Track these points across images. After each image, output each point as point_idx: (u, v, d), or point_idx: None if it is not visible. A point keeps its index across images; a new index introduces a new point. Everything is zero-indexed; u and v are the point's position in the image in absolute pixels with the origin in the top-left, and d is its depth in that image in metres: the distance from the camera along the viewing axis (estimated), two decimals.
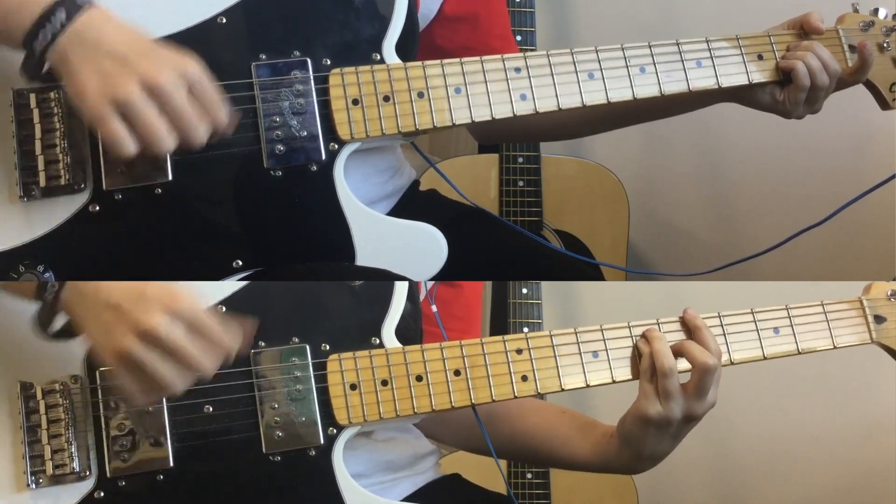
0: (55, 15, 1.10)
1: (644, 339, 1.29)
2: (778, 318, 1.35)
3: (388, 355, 1.22)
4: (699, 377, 1.25)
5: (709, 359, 1.25)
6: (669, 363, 1.25)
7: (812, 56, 1.43)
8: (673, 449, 1.30)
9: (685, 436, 1.30)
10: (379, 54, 1.27)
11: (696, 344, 1.28)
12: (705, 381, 1.25)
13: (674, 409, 1.25)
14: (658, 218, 2.68)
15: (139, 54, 1.10)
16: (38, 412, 1.16)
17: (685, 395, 1.26)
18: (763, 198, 2.61)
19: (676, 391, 1.25)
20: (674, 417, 1.26)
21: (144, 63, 1.09)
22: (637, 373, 1.28)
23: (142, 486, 1.15)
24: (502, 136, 1.98)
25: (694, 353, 1.26)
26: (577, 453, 1.37)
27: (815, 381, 2.41)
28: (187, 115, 1.11)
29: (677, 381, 1.26)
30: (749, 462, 2.50)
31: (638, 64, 1.36)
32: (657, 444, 1.29)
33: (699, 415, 1.27)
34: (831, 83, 1.45)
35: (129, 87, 1.08)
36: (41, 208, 1.19)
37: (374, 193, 1.38)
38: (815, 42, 1.44)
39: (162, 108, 1.09)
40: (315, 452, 1.19)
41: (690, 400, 1.26)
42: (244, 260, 1.23)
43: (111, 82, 1.09)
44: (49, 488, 1.15)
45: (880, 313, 1.41)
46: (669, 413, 1.25)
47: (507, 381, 1.25)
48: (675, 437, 1.29)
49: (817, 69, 1.43)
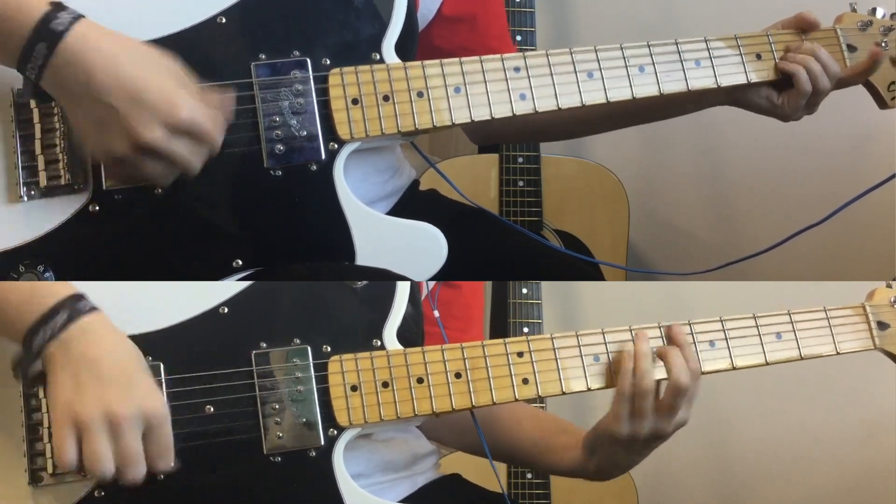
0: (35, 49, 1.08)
1: (626, 352, 1.27)
2: (780, 323, 1.35)
3: (390, 357, 1.22)
4: (672, 395, 1.25)
5: (684, 378, 1.24)
6: (649, 384, 1.25)
7: (813, 60, 1.42)
8: (640, 461, 1.31)
9: (651, 451, 1.30)
10: (378, 54, 1.27)
11: (681, 357, 1.26)
12: (677, 401, 1.25)
13: (644, 427, 1.25)
14: (658, 218, 2.68)
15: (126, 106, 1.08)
16: (39, 410, 1.15)
17: (656, 413, 1.25)
18: (763, 198, 2.61)
19: (649, 411, 1.25)
20: (642, 435, 1.26)
21: (132, 118, 1.08)
22: (611, 382, 1.27)
23: (142, 485, 1.15)
24: (499, 137, 1.97)
25: (673, 366, 1.25)
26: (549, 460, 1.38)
27: (816, 383, 2.41)
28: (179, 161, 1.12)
29: (653, 400, 1.25)
30: (749, 463, 2.50)
31: (637, 64, 1.36)
32: (623, 459, 1.30)
33: (667, 433, 1.27)
34: (830, 86, 1.45)
35: (120, 144, 1.09)
36: (41, 208, 1.19)
37: (373, 193, 1.38)
38: (816, 45, 1.44)
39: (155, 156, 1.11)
40: (315, 453, 1.19)
41: (661, 419, 1.25)
42: (244, 260, 1.23)
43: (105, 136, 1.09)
44: (50, 486, 1.14)
45: (883, 319, 1.40)
46: (638, 432, 1.25)
47: (507, 384, 1.25)
48: (641, 453, 1.29)
49: (818, 73, 1.42)
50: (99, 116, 1.09)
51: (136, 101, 1.08)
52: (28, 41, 1.08)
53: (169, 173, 1.14)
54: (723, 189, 2.65)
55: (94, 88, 1.08)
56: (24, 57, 1.09)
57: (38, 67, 1.09)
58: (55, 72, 1.09)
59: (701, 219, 2.68)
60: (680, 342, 1.28)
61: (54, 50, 1.08)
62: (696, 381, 1.26)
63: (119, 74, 1.09)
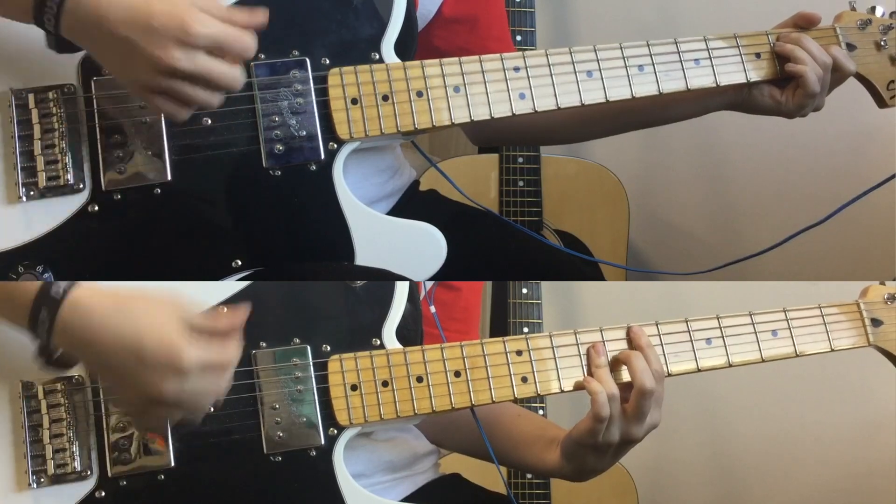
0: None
1: (588, 356, 1.28)
2: (776, 320, 1.35)
3: (389, 356, 1.22)
4: (638, 399, 1.24)
5: (647, 381, 1.24)
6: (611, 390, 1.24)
7: (799, 49, 1.41)
8: (614, 464, 1.31)
9: (626, 453, 1.30)
10: (378, 54, 1.27)
11: (642, 360, 1.26)
12: (643, 404, 1.25)
13: (613, 433, 1.25)
14: (658, 218, 2.68)
15: (140, 34, 1.08)
16: (39, 412, 1.16)
17: (624, 418, 1.25)
18: (762, 198, 2.61)
19: (616, 416, 1.24)
20: (612, 441, 1.25)
21: (148, 45, 1.07)
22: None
23: (143, 485, 1.15)
24: (498, 138, 1.97)
25: (636, 371, 1.25)
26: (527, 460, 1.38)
27: (815, 382, 2.41)
28: (214, 77, 1.10)
29: (617, 406, 1.25)
30: (749, 462, 2.50)
31: (636, 63, 1.36)
32: (596, 462, 1.29)
33: (639, 437, 1.27)
34: (827, 74, 1.44)
35: (146, 75, 1.08)
36: (40, 208, 1.19)
37: (373, 193, 1.38)
38: (802, 35, 1.43)
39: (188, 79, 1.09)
40: (316, 453, 1.19)
41: (629, 423, 1.25)
42: (243, 260, 1.23)
43: (132, 69, 1.09)
44: (50, 488, 1.15)
45: (877, 317, 1.41)
46: (609, 438, 1.25)
47: (507, 383, 1.25)
48: (615, 456, 1.29)
49: (810, 64, 1.41)
50: (121, 51, 1.09)
51: (147, 26, 1.07)
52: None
53: (210, 93, 1.12)
54: (723, 189, 2.65)
55: (107, 24, 1.08)
56: (37, 7, 1.09)
57: (53, 17, 1.09)
58: (70, 15, 1.09)
59: (701, 219, 2.68)
60: (640, 345, 1.28)
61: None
62: (660, 383, 1.26)
63: (128, 6, 1.08)
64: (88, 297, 1.06)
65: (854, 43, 1.47)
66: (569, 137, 1.79)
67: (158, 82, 1.09)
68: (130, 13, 1.08)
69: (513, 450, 1.38)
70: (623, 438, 1.25)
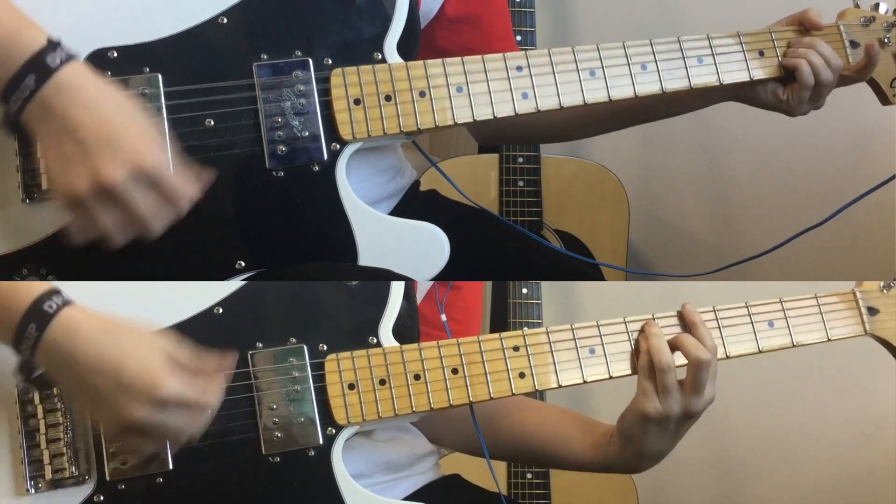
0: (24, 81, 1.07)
1: (642, 334, 1.29)
2: (772, 311, 1.36)
3: (386, 354, 1.22)
4: (694, 372, 1.26)
5: (702, 353, 1.26)
6: (667, 359, 1.26)
7: (814, 53, 1.42)
8: (674, 446, 1.31)
9: (686, 432, 1.30)
10: (380, 53, 1.27)
11: (692, 338, 1.28)
12: (700, 376, 1.26)
13: (672, 405, 1.26)
14: (658, 218, 2.68)
15: (97, 143, 1.07)
16: (36, 417, 1.15)
17: (682, 391, 1.26)
18: (763, 198, 2.61)
19: (674, 387, 1.26)
20: (672, 413, 1.26)
21: (99, 155, 1.07)
22: (633, 368, 1.28)
23: (141, 488, 1.15)
24: (503, 137, 1.98)
25: (689, 347, 1.27)
26: (579, 453, 1.37)
27: (816, 381, 2.41)
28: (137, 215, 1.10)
29: (675, 377, 1.26)
30: (749, 462, 2.50)
31: (639, 61, 1.36)
32: (658, 442, 1.29)
33: (698, 411, 1.27)
34: (834, 79, 1.44)
35: (81, 182, 1.07)
36: (43, 211, 1.18)
37: (375, 194, 1.38)
38: (816, 38, 1.44)
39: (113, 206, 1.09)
40: (314, 453, 1.19)
41: (688, 396, 1.26)
42: (247, 261, 1.22)
43: (68, 172, 1.08)
44: (48, 493, 1.15)
45: (873, 305, 1.41)
46: (668, 409, 1.26)
47: (504, 378, 1.25)
48: (676, 434, 1.29)
49: (820, 66, 1.42)
50: (68, 153, 1.07)
51: (108, 139, 1.07)
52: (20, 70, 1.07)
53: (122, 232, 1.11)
54: (723, 189, 2.65)
55: (70, 121, 1.07)
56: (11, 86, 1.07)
57: (22, 99, 1.07)
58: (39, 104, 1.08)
59: (701, 219, 2.68)
60: (693, 321, 1.30)
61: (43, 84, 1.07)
62: (714, 355, 1.27)
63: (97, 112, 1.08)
64: (79, 319, 1.07)
65: (857, 40, 1.47)
66: (572, 135, 1.79)
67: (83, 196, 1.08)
68: (96, 120, 1.07)
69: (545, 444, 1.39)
70: (684, 411, 1.26)
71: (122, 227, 1.11)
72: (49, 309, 1.06)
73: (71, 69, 1.08)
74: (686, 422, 1.28)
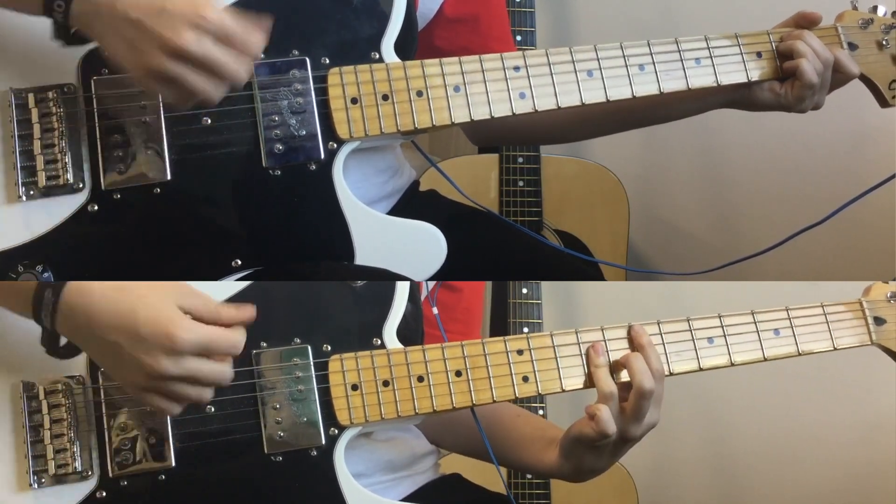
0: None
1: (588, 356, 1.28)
2: (778, 319, 1.35)
3: (390, 356, 1.22)
4: (636, 399, 1.24)
5: (646, 381, 1.24)
6: (608, 389, 1.24)
7: (803, 44, 1.42)
8: (611, 465, 1.30)
9: (624, 454, 1.29)
10: (378, 53, 1.27)
11: (641, 361, 1.26)
12: (642, 404, 1.24)
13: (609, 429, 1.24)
14: (658, 218, 2.68)
15: (153, 17, 1.09)
16: (40, 412, 1.16)
17: (622, 417, 1.25)
18: (763, 198, 2.61)
19: (613, 414, 1.24)
20: (609, 438, 1.25)
21: (160, 27, 1.09)
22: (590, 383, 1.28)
23: (144, 485, 1.15)
24: (497, 138, 1.97)
25: (634, 371, 1.25)
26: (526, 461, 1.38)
27: (816, 382, 2.41)
28: (220, 65, 1.11)
29: (615, 406, 1.24)
30: (749, 462, 2.50)
31: (637, 63, 1.36)
32: (595, 461, 1.29)
33: (637, 436, 1.26)
34: (827, 71, 1.44)
35: (155, 58, 1.09)
36: (40, 208, 1.19)
37: (373, 193, 1.38)
38: (806, 31, 1.43)
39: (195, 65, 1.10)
40: (316, 453, 1.19)
41: (627, 422, 1.25)
42: (243, 259, 1.23)
43: (139, 54, 1.09)
44: (51, 488, 1.15)
45: (880, 315, 1.41)
46: (604, 434, 1.24)
47: (508, 382, 1.25)
48: (613, 455, 1.29)
49: (810, 55, 1.41)
50: (130, 36, 1.10)
51: (161, 9, 1.09)
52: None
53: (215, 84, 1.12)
54: (723, 189, 2.65)
55: (120, 7, 1.10)
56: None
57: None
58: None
59: (701, 218, 2.68)
60: (641, 343, 1.27)
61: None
62: (660, 382, 1.26)
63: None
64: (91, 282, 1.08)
65: (856, 42, 1.47)
66: (569, 136, 1.79)
67: (165, 68, 1.09)
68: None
69: (511, 450, 1.38)
70: (621, 437, 1.25)
71: (212, 82, 1.12)
72: None
73: None
74: (624, 445, 1.27)
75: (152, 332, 1.06)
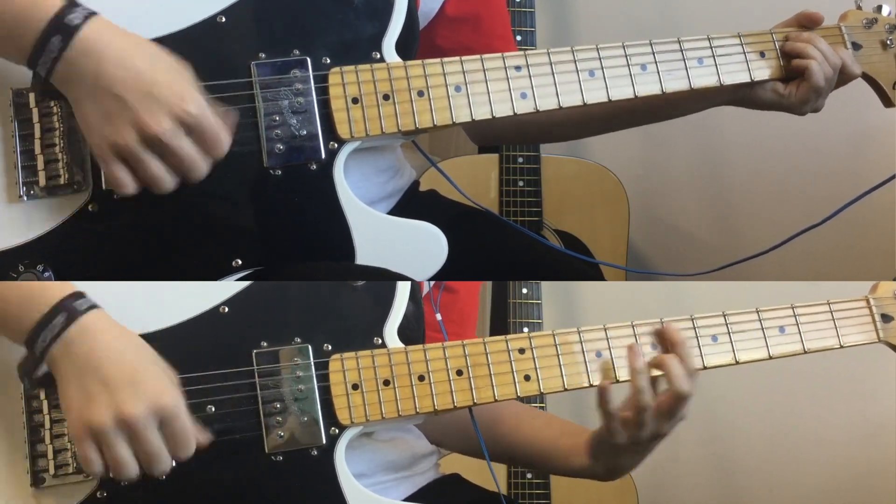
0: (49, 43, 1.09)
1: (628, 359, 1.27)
2: (783, 317, 1.35)
3: (391, 355, 1.22)
4: (674, 402, 1.25)
5: (684, 385, 1.24)
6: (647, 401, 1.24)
7: (812, 48, 1.42)
8: (643, 461, 1.31)
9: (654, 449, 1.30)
10: (379, 53, 1.27)
11: (678, 364, 1.25)
12: (679, 406, 1.25)
13: (644, 432, 1.26)
14: (658, 218, 2.68)
15: (137, 97, 1.09)
16: (41, 411, 1.15)
17: (656, 417, 1.25)
18: (763, 198, 2.61)
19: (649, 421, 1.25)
20: (642, 441, 1.26)
21: (141, 109, 1.09)
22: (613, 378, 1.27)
23: (144, 485, 1.15)
24: (499, 137, 1.98)
25: (674, 376, 1.25)
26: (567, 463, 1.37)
27: (816, 381, 2.41)
28: (186, 161, 1.12)
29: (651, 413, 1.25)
30: (749, 462, 2.50)
31: (639, 62, 1.36)
32: (627, 461, 1.30)
33: (667, 433, 1.27)
34: (835, 75, 1.44)
35: (126, 136, 1.09)
36: (41, 207, 1.19)
37: (374, 193, 1.38)
38: (814, 34, 1.44)
39: (160, 154, 1.11)
40: (317, 452, 1.19)
41: (661, 421, 1.26)
42: (244, 259, 1.23)
43: (111, 127, 1.10)
44: (52, 487, 1.15)
45: (887, 312, 1.40)
46: (639, 438, 1.26)
47: (509, 381, 1.24)
48: (644, 453, 1.30)
49: (819, 58, 1.42)
50: (108, 108, 1.10)
51: (147, 92, 1.09)
52: (43, 34, 1.10)
53: (172, 175, 1.13)
54: (723, 189, 2.65)
55: (105, 80, 1.10)
56: (37, 50, 1.10)
57: (50, 60, 1.10)
58: (68, 64, 1.10)
59: (701, 219, 2.68)
60: (676, 340, 1.27)
61: (69, 42, 1.10)
62: (694, 380, 1.26)
63: (131, 67, 1.10)
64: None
65: (859, 42, 1.47)
66: (570, 135, 1.79)
67: (131, 148, 1.10)
68: (132, 74, 1.10)
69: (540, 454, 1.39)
70: (653, 434, 1.26)
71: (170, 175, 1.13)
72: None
73: (91, 26, 1.10)
74: (655, 442, 1.28)
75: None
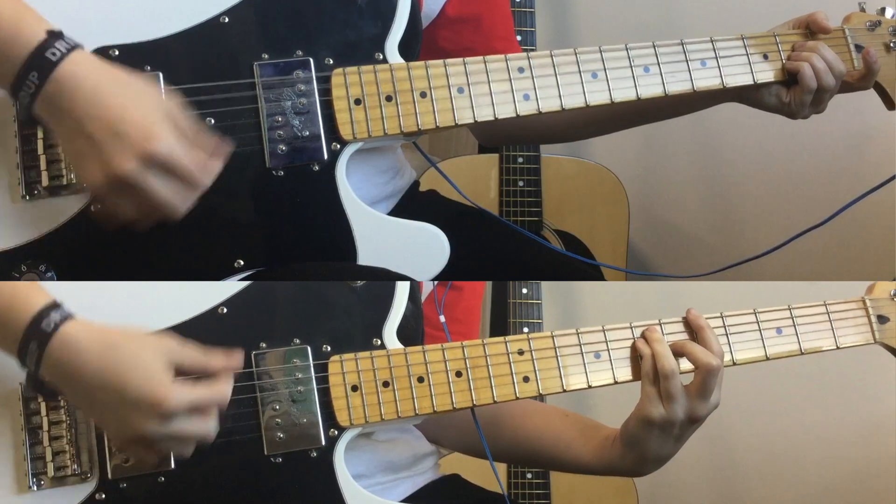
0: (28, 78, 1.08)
1: (643, 339, 1.28)
2: (780, 318, 1.35)
3: (390, 356, 1.22)
4: (702, 378, 1.26)
5: (712, 359, 1.26)
6: (671, 365, 1.25)
7: (817, 57, 1.42)
8: (677, 450, 1.31)
9: (689, 437, 1.30)
10: (382, 54, 1.27)
11: (698, 345, 1.28)
12: (709, 382, 1.26)
13: (676, 410, 1.25)
14: (658, 218, 2.68)
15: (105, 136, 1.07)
16: (39, 414, 1.15)
17: (688, 397, 1.26)
18: (763, 198, 2.61)
19: (679, 393, 1.25)
20: (676, 419, 1.26)
21: (107, 149, 1.07)
22: (638, 374, 1.28)
23: (143, 487, 1.15)
24: (505, 138, 1.97)
25: (696, 353, 1.26)
26: (581, 457, 1.37)
27: (816, 381, 2.42)
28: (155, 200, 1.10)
29: (679, 382, 1.26)
30: (749, 462, 2.50)
31: (642, 64, 1.36)
32: (661, 447, 1.29)
33: (703, 416, 1.27)
34: (836, 84, 1.44)
35: (95, 176, 1.08)
36: (44, 207, 1.18)
37: (375, 194, 1.38)
38: (820, 42, 1.44)
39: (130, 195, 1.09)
40: (316, 453, 1.19)
41: (694, 401, 1.26)
42: (246, 260, 1.22)
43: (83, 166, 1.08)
44: (50, 490, 1.15)
45: (883, 313, 1.40)
46: (672, 415, 1.26)
47: (508, 382, 1.24)
48: (679, 439, 1.29)
49: (823, 70, 1.42)
50: (79, 148, 1.08)
51: (114, 132, 1.07)
52: (22, 68, 1.08)
53: (149, 214, 1.12)
54: (723, 189, 2.65)
55: (76, 118, 1.08)
56: (16, 85, 1.09)
57: (29, 96, 1.08)
58: (45, 101, 1.08)
59: (701, 219, 2.68)
60: (700, 325, 1.29)
61: (46, 80, 1.07)
62: (722, 360, 1.27)
63: (101, 105, 1.08)
64: (76, 333, 1.06)
65: (863, 44, 1.47)
66: (573, 135, 1.79)
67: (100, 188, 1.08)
68: (99, 111, 1.07)
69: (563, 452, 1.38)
70: (689, 416, 1.26)
71: (145, 212, 1.11)
72: (47, 328, 1.06)
73: (71, 62, 1.08)
74: (690, 426, 1.28)
75: (142, 396, 1.05)
